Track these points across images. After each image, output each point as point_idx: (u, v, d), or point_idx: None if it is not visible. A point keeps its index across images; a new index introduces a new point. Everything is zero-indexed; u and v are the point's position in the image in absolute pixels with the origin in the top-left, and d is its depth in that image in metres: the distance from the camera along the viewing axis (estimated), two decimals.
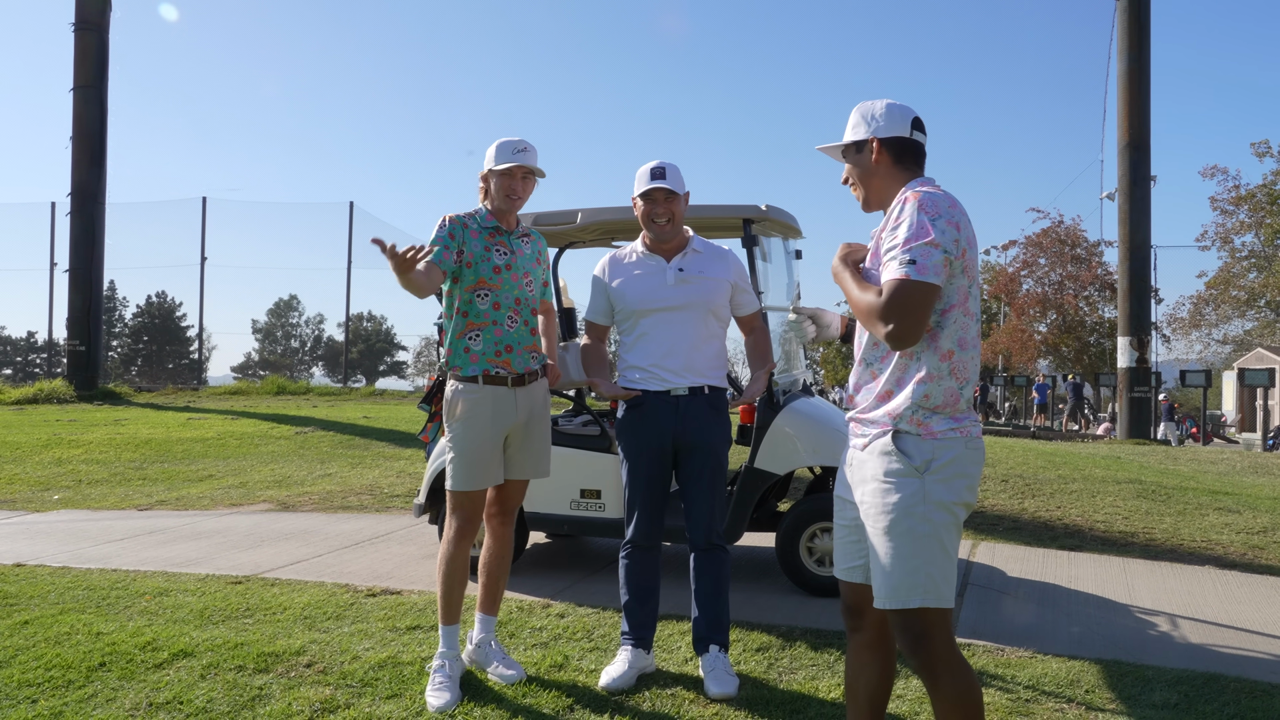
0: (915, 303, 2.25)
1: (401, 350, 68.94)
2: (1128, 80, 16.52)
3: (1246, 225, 36.82)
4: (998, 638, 4.09)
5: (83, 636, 3.97)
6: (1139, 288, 16.80)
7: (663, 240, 3.65)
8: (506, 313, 3.53)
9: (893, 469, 2.34)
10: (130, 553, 5.84)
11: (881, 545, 2.34)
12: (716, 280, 3.65)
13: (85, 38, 18.50)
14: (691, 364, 3.61)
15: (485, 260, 3.50)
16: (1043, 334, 37.08)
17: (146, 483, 9.02)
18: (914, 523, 2.30)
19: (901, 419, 2.35)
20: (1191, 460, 11.42)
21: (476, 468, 3.49)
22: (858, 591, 2.53)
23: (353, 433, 11.77)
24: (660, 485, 3.66)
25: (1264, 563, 5.69)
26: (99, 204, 18.72)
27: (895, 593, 2.33)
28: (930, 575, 2.31)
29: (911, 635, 2.34)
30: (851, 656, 2.60)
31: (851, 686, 2.60)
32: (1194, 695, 3.43)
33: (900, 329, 2.25)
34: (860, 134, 2.50)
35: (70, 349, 18.77)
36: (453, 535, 3.53)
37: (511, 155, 3.47)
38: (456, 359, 3.53)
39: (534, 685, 3.48)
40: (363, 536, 6.29)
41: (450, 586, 3.52)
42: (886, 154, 2.47)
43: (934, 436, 2.33)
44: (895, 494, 2.32)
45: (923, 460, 2.32)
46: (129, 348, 63.21)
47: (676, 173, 3.59)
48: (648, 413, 3.61)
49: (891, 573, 2.33)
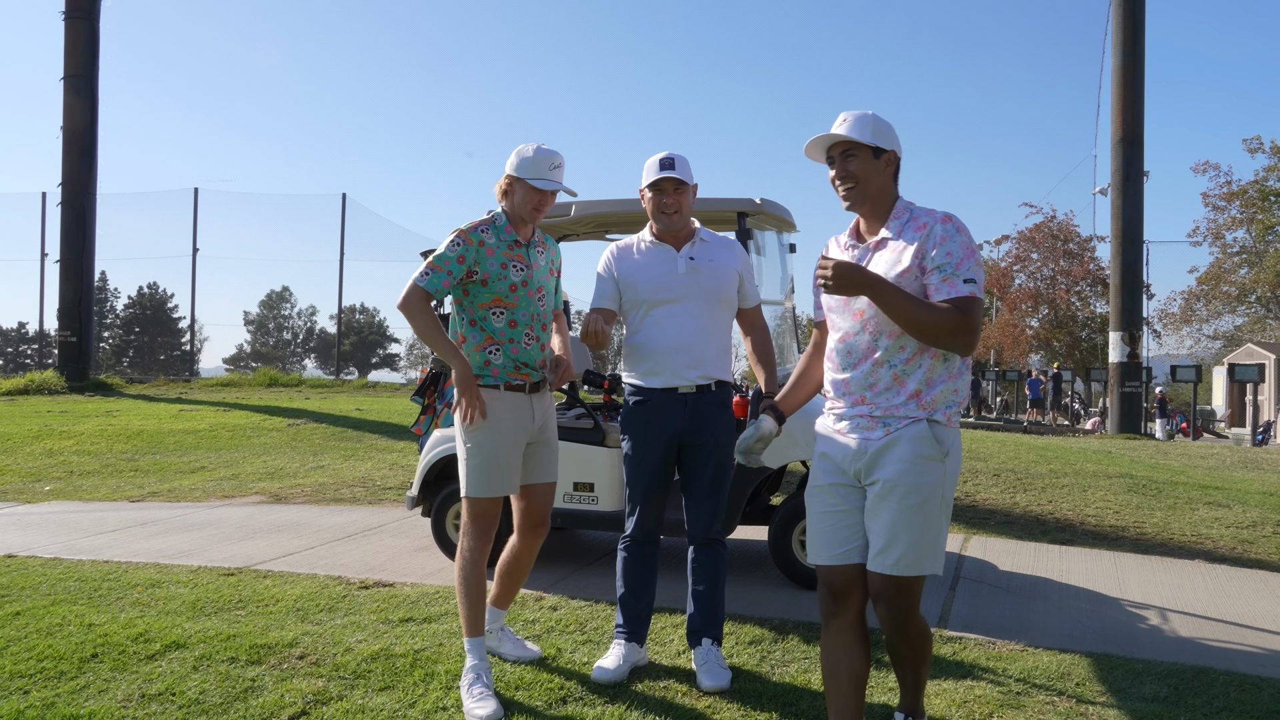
0: (979, 316, 2.59)
1: (394, 343, 68.84)
2: (1122, 76, 16.57)
3: (1238, 221, 36.95)
4: (989, 631, 4.11)
5: (75, 628, 3.97)
6: (1131, 283, 16.87)
7: (671, 230, 3.62)
8: (523, 331, 3.45)
9: (925, 454, 2.60)
10: (122, 544, 5.83)
11: (912, 520, 2.59)
12: (726, 268, 3.63)
13: (75, 26, 18.39)
14: (701, 357, 3.58)
15: (502, 278, 3.39)
16: (1035, 329, 37.21)
17: (138, 474, 9.00)
18: (939, 502, 2.62)
19: (936, 411, 2.63)
20: (1182, 455, 11.48)
21: (498, 474, 3.40)
22: (846, 574, 2.69)
23: (345, 425, 11.76)
24: (663, 482, 3.65)
25: (1253, 557, 5.72)
26: (90, 194, 18.64)
27: (918, 561, 2.60)
28: (938, 547, 2.64)
29: (910, 595, 2.64)
30: (834, 641, 2.70)
31: (834, 671, 2.68)
32: (1184, 688, 3.46)
33: (972, 340, 2.58)
34: (885, 142, 2.70)
35: (61, 340, 18.70)
36: (474, 545, 3.41)
37: (548, 172, 3.36)
38: (477, 369, 3.42)
39: (526, 677, 3.49)
40: (355, 529, 6.28)
41: (474, 600, 3.39)
42: (894, 169, 2.74)
43: (952, 426, 2.68)
44: (928, 476, 2.60)
45: (948, 446, 2.64)
46: (120, 339, 63.02)
47: (685, 164, 3.57)
48: (655, 409, 3.59)
49: (916, 543, 2.59)
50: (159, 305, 62.74)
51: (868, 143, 2.66)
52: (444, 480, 5.21)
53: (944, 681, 3.49)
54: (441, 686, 3.38)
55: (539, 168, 3.37)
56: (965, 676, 3.56)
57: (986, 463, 8.59)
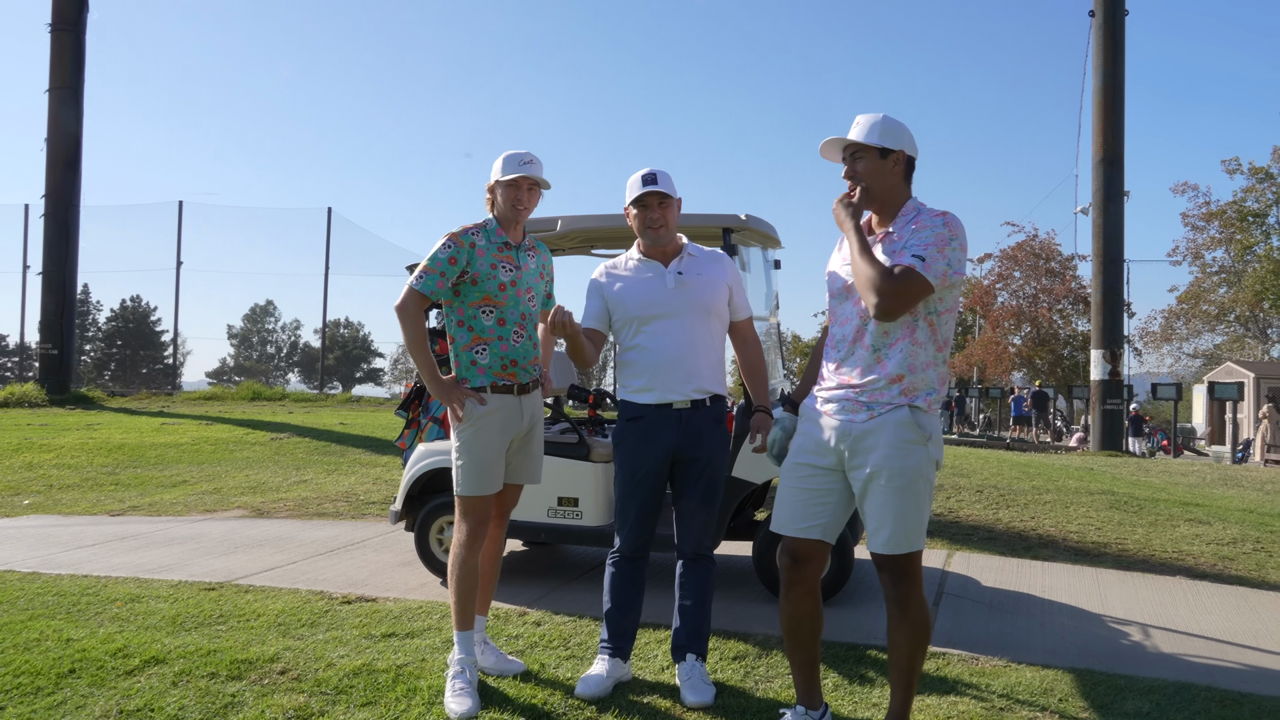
0: (913, 292, 2.69)
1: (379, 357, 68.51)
2: (1102, 97, 16.76)
3: (1217, 241, 37.39)
4: (972, 647, 4.12)
5: (52, 643, 3.92)
6: (1112, 301, 17.01)
7: (658, 245, 3.64)
8: (512, 328, 3.57)
9: (908, 438, 2.77)
10: (101, 558, 5.77)
11: (896, 502, 2.77)
12: (715, 281, 3.65)
13: (62, 39, 18.33)
14: (694, 372, 3.58)
15: (491, 278, 3.52)
16: (1017, 346, 37.41)
17: (119, 488, 8.91)
18: (922, 483, 2.79)
19: (916, 398, 2.79)
20: (1163, 472, 11.57)
21: (486, 473, 3.53)
22: (807, 546, 2.94)
23: (329, 439, 11.70)
24: (656, 499, 3.65)
25: (1233, 573, 5.77)
26: (73, 207, 18.53)
27: (907, 539, 2.78)
28: (924, 523, 2.82)
29: (902, 572, 2.82)
30: (793, 607, 2.97)
31: (796, 631, 2.99)
32: (1165, 704, 3.47)
33: (891, 305, 2.68)
34: (891, 143, 2.84)
35: (42, 353, 18.54)
36: (464, 540, 3.54)
37: (518, 167, 3.54)
38: (464, 371, 3.57)
39: (509, 692, 3.47)
40: (338, 543, 6.24)
41: (464, 593, 3.53)
42: (903, 168, 2.87)
43: (933, 412, 2.82)
44: (911, 459, 2.77)
45: (929, 431, 2.79)
46: (102, 352, 62.51)
47: (668, 178, 3.59)
48: (649, 426, 3.58)
49: (903, 523, 2.77)
50: (142, 318, 62.29)
51: (873, 144, 2.82)
52: (428, 495, 5.19)
53: (927, 697, 3.50)
54: (424, 702, 3.36)
55: (510, 166, 3.56)
56: (949, 692, 3.56)
57: (970, 479, 8.62)
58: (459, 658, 3.48)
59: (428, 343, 3.55)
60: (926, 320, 2.80)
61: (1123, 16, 16.81)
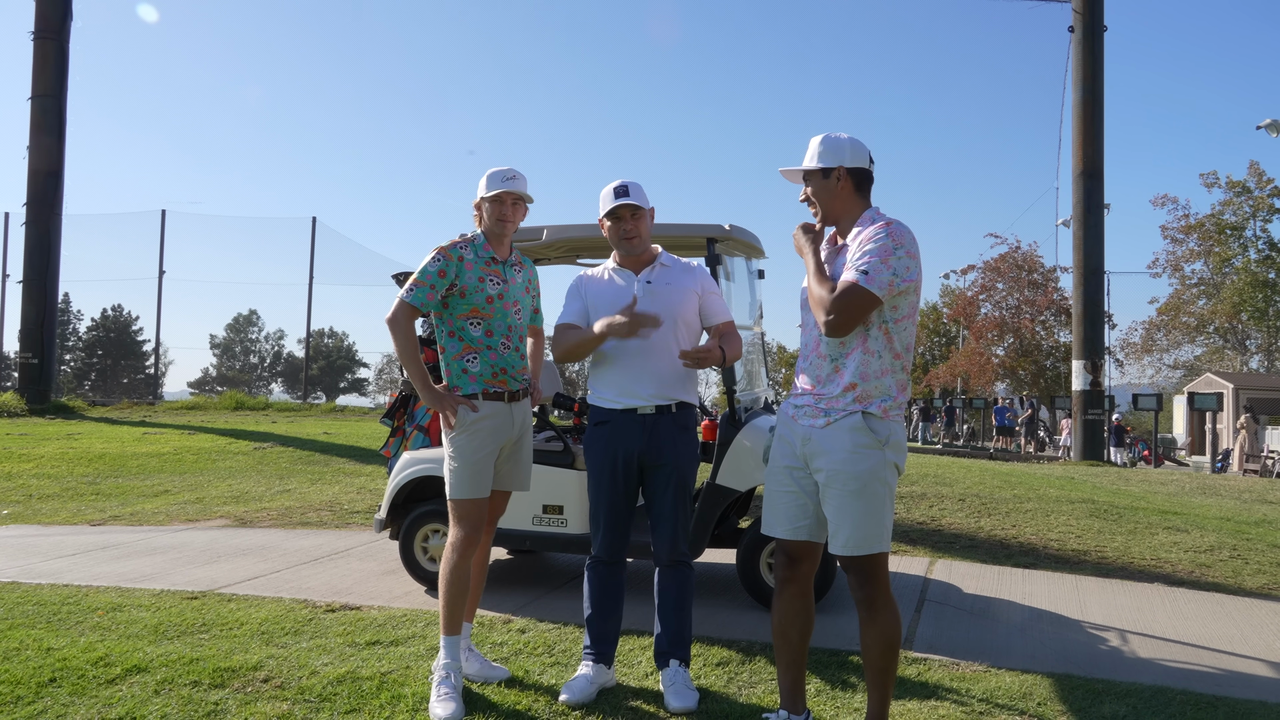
0: (857, 305, 2.80)
1: (363, 367, 68.41)
2: (1082, 111, 16.94)
3: (1196, 253, 37.84)
4: (953, 652, 4.16)
5: (32, 652, 3.89)
6: (1093, 313, 17.16)
7: (632, 254, 3.71)
8: (500, 339, 3.66)
9: (862, 443, 2.85)
10: (82, 568, 5.74)
11: (852, 504, 2.85)
12: (684, 290, 3.70)
13: (44, 47, 18.23)
14: (661, 379, 3.64)
15: (479, 290, 3.61)
16: (1000, 357, 37.67)
17: (100, 498, 8.85)
18: (879, 485, 2.86)
19: (870, 404, 2.87)
20: (1142, 481, 11.67)
21: (477, 477, 3.59)
22: (800, 547, 3.04)
23: (312, 449, 11.65)
24: (625, 502, 3.68)
25: (1210, 580, 5.83)
26: (55, 215, 18.42)
27: (865, 541, 2.86)
28: (885, 526, 2.88)
29: (865, 574, 2.89)
30: (785, 605, 3.05)
31: (785, 631, 3.06)
32: (1142, 708, 3.52)
33: (839, 321, 2.81)
34: (829, 161, 2.96)
35: (22, 361, 18.38)
36: (457, 544, 3.58)
37: (501, 183, 3.62)
38: (455, 379, 3.65)
39: (494, 700, 3.48)
40: (322, 552, 6.23)
41: (453, 597, 3.57)
42: (850, 181, 2.97)
43: (889, 418, 2.89)
44: (866, 463, 2.85)
45: (884, 436, 2.87)
46: (83, 361, 62.03)
47: (639, 189, 3.66)
48: (614, 430, 3.64)
49: (860, 525, 2.85)
50: (123, 328, 61.89)
51: (814, 168, 2.97)
52: (413, 503, 5.19)
53: (908, 702, 3.53)
54: (408, 709, 3.36)
55: (494, 182, 3.64)
56: (929, 697, 3.60)
57: (952, 488, 8.68)
58: (445, 663, 3.49)
59: (419, 352, 3.63)
60: (881, 329, 2.88)
61: (1102, 32, 17.01)
